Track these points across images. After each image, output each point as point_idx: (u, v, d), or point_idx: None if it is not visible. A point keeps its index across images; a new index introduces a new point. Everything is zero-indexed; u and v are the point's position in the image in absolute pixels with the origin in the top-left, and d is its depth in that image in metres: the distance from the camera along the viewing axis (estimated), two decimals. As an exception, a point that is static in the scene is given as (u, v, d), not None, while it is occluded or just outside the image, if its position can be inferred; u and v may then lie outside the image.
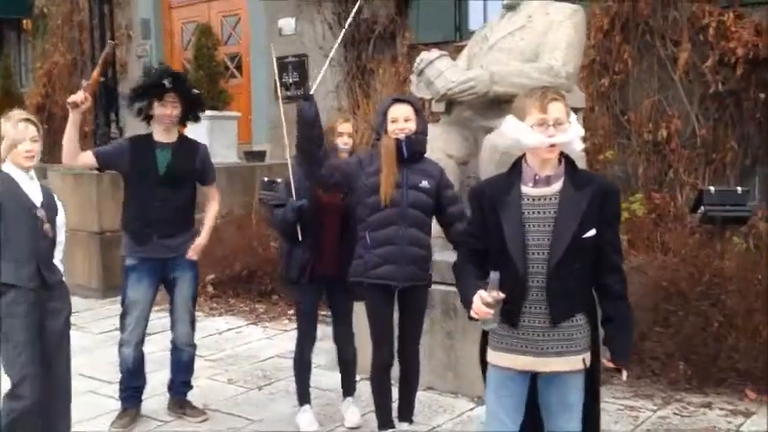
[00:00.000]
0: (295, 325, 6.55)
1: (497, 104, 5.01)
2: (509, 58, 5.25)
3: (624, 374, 2.88)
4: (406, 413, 4.13)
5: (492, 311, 2.73)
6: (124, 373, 4.52)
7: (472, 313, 2.80)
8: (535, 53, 5.21)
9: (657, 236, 6.44)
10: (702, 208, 5.93)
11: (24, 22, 14.15)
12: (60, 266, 3.71)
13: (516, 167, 2.89)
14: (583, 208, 2.75)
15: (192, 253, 4.51)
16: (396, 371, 4.06)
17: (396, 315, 4.01)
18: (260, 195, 8.15)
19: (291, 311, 7.00)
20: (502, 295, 2.75)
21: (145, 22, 12.42)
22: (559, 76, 5.06)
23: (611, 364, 2.84)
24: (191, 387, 4.73)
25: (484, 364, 3.00)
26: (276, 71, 6.14)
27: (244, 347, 6.11)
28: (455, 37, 9.44)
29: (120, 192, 7.85)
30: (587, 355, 2.85)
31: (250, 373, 5.46)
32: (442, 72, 5.10)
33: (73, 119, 4.16)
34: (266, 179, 8.31)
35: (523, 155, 2.88)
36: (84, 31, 12.96)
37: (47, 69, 13.59)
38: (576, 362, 2.82)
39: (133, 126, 11.14)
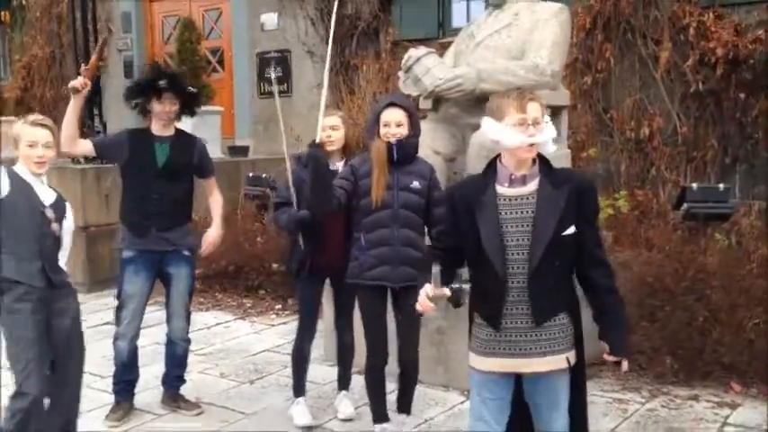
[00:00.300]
0: (282, 320, 6.71)
1: (484, 102, 5.03)
2: (495, 55, 5.31)
3: (625, 365, 2.89)
4: (404, 406, 4.17)
5: (434, 306, 2.80)
6: (118, 367, 4.52)
7: (417, 306, 2.86)
8: (521, 51, 5.27)
9: (641, 232, 6.55)
10: (685, 205, 6.03)
11: (2, 13, 13.99)
12: (65, 269, 3.71)
13: (491, 168, 2.89)
14: (561, 206, 2.77)
15: (208, 244, 4.62)
16: (390, 367, 4.10)
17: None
18: (245, 191, 8.16)
19: (279, 306, 7.06)
20: (447, 292, 2.81)
21: (125, 16, 12.34)
22: (545, 75, 5.13)
23: (611, 358, 2.87)
24: (184, 381, 4.74)
25: None
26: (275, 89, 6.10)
27: (233, 342, 6.13)
28: (438, 34, 9.51)
29: (103, 186, 7.94)
30: (571, 354, 2.86)
31: (241, 367, 5.49)
32: (429, 69, 5.14)
33: (74, 104, 4.20)
34: (251, 174, 8.32)
35: (497, 156, 2.89)
36: (64, 23, 12.88)
37: (26, 62, 13.46)
38: (559, 361, 2.83)
39: (116, 119, 11.10)
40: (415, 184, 3.92)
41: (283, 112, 4.55)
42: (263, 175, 8.15)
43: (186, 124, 6.46)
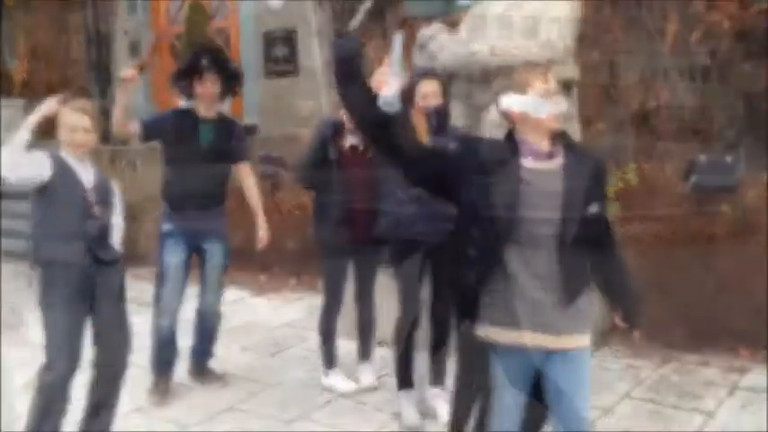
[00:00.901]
0: (297, 295, 6.85)
1: (497, 78, 5.15)
2: (509, 31, 5.38)
3: (636, 335, 2.96)
4: (439, 377, 4.25)
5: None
6: (158, 345, 4.60)
7: (374, 82, 2.78)
8: (534, 26, 5.35)
9: (649, 205, 6.65)
10: (693, 177, 6.12)
11: (6, -4, 13.99)
12: (118, 248, 3.80)
13: (511, 142, 2.78)
14: (586, 182, 2.73)
15: (262, 242, 4.98)
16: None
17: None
18: (259, 169, 8.24)
19: (293, 282, 7.20)
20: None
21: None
22: (557, 49, 5.22)
23: (624, 325, 2.92)
24: (212, 354, 4.88)
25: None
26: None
27: (251, 317, 6.28)
28: (444, 11, 9.54)
29: (118, 168, 8.04)
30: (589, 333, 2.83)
31: (262, 341, 5.65)
32: (444, 46, 5.24)
33: (122, 93, 4.38)
34: (263, 153, 8.41)
35: (512, 129, 2.81)
36: (68, 6, 12.89)
37: (31, 46, 13.49)
38: (586, 339, 2.80)
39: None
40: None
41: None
42: (274, 154, 8.24)
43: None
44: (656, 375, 4.69)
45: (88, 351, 3.74)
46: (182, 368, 4.88)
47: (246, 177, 4.90)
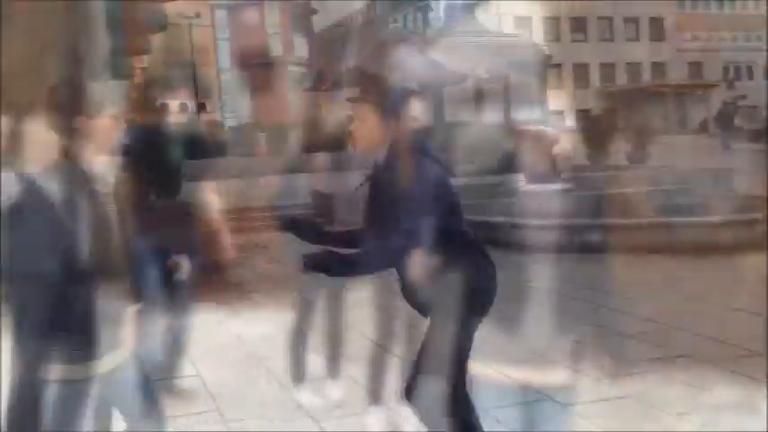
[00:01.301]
0: (268, 311, 6.84)
1: (472, 100, 5.27)
2: (479, 56, 5.51)
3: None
4: (410, 395, 4.25)
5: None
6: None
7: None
8: (501, 51, 5.48)
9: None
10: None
11: (-19, 12, 13.94)
12: (89, 262, 3.79)
13: (508, 162, 2.83)
14: (585, 208, 2.83)
15: (230, 252, 4.95)
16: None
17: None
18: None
19: (264, 300, 7.22)
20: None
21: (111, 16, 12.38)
22: (529, 72, 5.33)
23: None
24: (180, 370, 4.89)
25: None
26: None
27: (223, 335, 6.29)
28: (419, 31, 9.70)
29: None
30: None
31: (235, 358, 5.67)
32: (417, 66, 5.35)
33: None
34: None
35: (514, 150, 2.80)
36: (47, 21, 12.88)
37: (7, 62, 13.43)
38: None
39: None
40: None
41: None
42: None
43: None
44: (622, 392, 4.72)
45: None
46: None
47: (210, 192, 4.93)
